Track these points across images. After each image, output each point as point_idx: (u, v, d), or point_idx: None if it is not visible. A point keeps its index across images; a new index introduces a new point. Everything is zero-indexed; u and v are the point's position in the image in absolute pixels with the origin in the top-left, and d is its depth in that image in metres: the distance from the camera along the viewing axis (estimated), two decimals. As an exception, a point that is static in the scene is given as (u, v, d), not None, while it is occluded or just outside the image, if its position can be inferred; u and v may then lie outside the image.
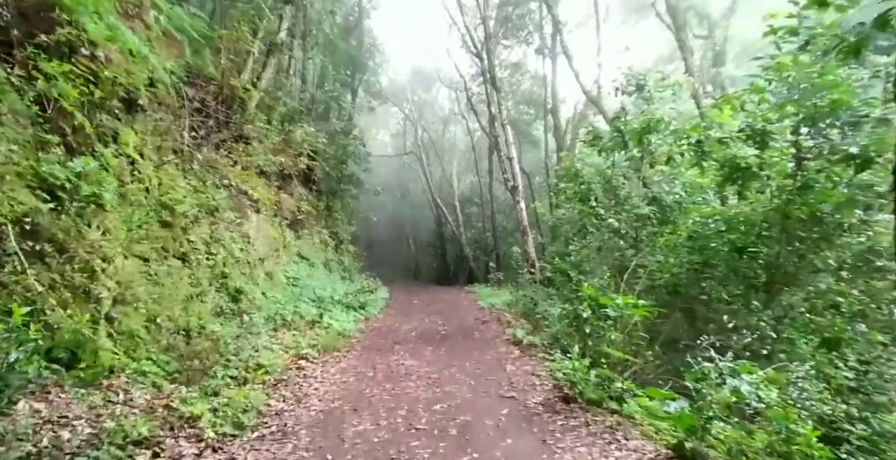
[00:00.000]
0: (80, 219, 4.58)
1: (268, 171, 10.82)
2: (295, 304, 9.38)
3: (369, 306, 12.36)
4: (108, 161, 5.27)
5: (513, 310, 11.88)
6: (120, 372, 4.69)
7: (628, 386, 5.16)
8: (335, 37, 17.60)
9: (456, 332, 9.76)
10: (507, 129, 14.84)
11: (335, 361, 7.24)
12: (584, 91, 14.13)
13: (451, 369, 6.72)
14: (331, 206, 16.73)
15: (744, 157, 5.73)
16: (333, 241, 16.39)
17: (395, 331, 10.13)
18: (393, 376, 6.43)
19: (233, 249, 8.48)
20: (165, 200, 6.30)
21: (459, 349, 7.99)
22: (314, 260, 13.79)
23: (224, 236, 8.31)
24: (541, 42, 18.07)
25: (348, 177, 17.44)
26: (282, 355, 7.00)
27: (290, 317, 8.89)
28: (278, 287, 10.45)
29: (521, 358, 7.15)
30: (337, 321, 9.65)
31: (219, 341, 6.30)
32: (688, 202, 7.38)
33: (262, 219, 10.86)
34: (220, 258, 7.89)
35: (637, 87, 7.87)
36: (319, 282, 12.80)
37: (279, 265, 11.28)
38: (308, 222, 14.72)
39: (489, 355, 7.49)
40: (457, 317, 11.86)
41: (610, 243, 8.38)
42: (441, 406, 5.27)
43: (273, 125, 11.25)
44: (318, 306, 10.39)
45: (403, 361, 7.19)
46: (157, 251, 6.08)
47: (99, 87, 5.19)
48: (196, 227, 7.52)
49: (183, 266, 6.83)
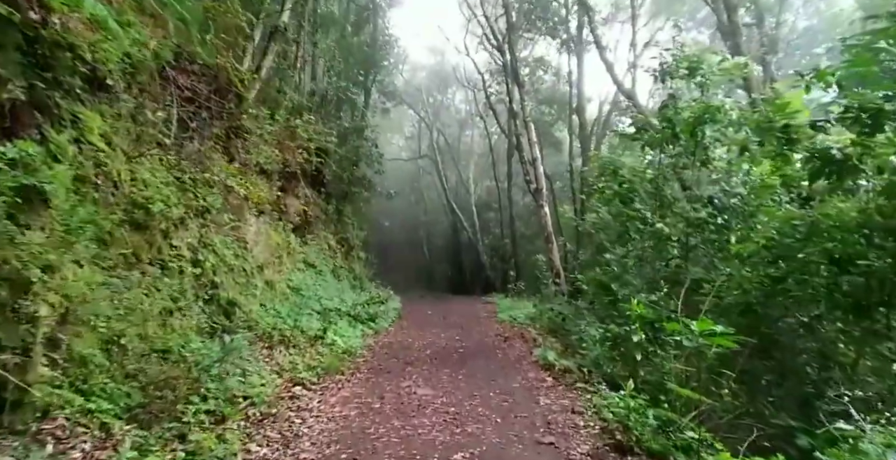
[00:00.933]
0: (8, 221, 3.62)
1: (270, 170, 9.90)
2: (296, 318, 8.39)
3: (380, 318, 11.34)
4: (60, 148, 4.33)
5: (537, 325, 10.75)
6: (58, 412, 3.70)
7: (704, 436, 4.02)
8: (347, 33, 16.78)
9: (476, 351, 8.67)
10: (530, 127, 13.76)
11: (337, 388, 6.20)
12: (615, 82, 13.01)
13: (473, 400, 5.63)
14: (341, 210, 15.80)
15: (840, 147, 4.58)
16: (343, 247, 15.44)
17: (407, 348, 9.08)
18: (403, 409, 5.36)
19: (226, 256, 7.53)
20: (138, 198, 5.35)
21: (481, 373, 6.90)
22: (321, 267, 12.83)
23: (215, 241, 7.36)
24: (567, 35, 16.96)
25: (360, 180, 16.51)
26: (274, 380, 5.99)
27: (289, 332, 7.90)
28: (279, 297, 9.48)
29: (555, 387, 6.03)
30: (342, 337, 8.64)
31: (198, 365, 5.32)
32: (753, 204, 6.22)
33: (263, 222, 9.93)
34: (209, 265, 6.94)
35: (689, 71, 6.75)
36: (326, 291, 11.83)
37: (282, 273, 10.33)
38: (316, 227, 13.79)
39: (517, 382, 6.39)
40: (476, 332, 10.77)
41: (654, 252, 7.24)
42: (462, 455, 4.19)
43: (277, 120, 10.35)
44: (322, 319, 9.39)
45: (416, 389, 6.12)
46: (125, 258, 5.13)
47: (51, 57, 4.27)
48: (181, 230, 6.57)
49: (162, 275, 5.87)
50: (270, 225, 10.63)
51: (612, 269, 7.31)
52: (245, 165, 9.06)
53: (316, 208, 13.85)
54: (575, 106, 17.45)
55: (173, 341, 5.63)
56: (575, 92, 17.38)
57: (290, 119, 11.52)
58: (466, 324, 11.94)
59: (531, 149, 13.66)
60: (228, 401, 4.83)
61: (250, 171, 9.17)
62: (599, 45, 13.27)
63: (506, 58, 15.13)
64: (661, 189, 7.49)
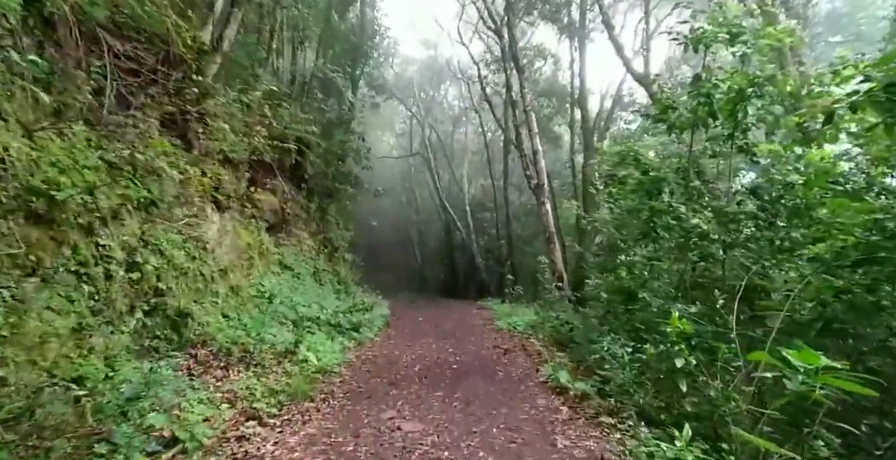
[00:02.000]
0: None
1: (236, 160, 8.66)
2: (260, 330, 7.16)
3: (364, 327, 10.13)
4: None
5: (540, 335, 9.61)
6: None
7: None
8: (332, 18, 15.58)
9: (472, 367, 7.50)
10: (530, 117, 12.61)
11: (302, 421, 5.00)
12: (625, 64, 11.84)
13: (472, 439, 4.46)
14: (324, 208, 14.58)
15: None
16: (326, 249, 14.21)
17: (393, 362, 7.90)
18: (383, 455, 4.18)
19: (175, 257, 6.29)
20: (36, 184, 4.13)
21: (480, 398, 5.73)
22: (300, 270, 11.61)
23: (161, 239, 6.13)
24: (569, 19, 15.83)
25: (345, 176, 15.29)
26: (222, 413, 4.78)
27: (253, 347, 6.69)
28: (247, 305, 8.26)
29: (573, 421, 4.86)
30: (317, 351, 7.43)
31: (113, 398, 4.10)
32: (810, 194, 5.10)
33: (229, 219, 8.71)
34: (150, 269, 5.70)
35: (731, 37, 5.64)
36: (305, 297, 10.61)
37: (251, 277, 9.09)
38: (295, 225, 12.57)
39: (524, 412, 5.22)
40: (471, 343, 9.60)
41: (681, 253, 6.12)
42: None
43: (249, 105, 9.13)
44: (296, 330, 8.19)
45: (400, 423, 4.93)
46: (14, 260, 3.91)
47: None
48: (113, 226, 5.36)
49: (79, 282, 4.65)
50: (240, 222, 9.40)
51: (636, 274, 6.17)
52: (206, 153, 7.84)
53: (295, 205, 12.63)
54: (577, 97, 16.30)
55: (90, 367, 4.42)
56: (577, 83, 16.24)
57: (264, 105, 10.31)
58: (461, 333, 10.77)
59: (532, 142, 12.50)
60: (144, 452, 3.62)
61: (211, 160, 7.95)
62: (609, 24, 12.11)
63: (504, 42, 13.98)
64: (691, 179, 6.38)
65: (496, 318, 12.51)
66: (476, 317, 13.59)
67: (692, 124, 5.98)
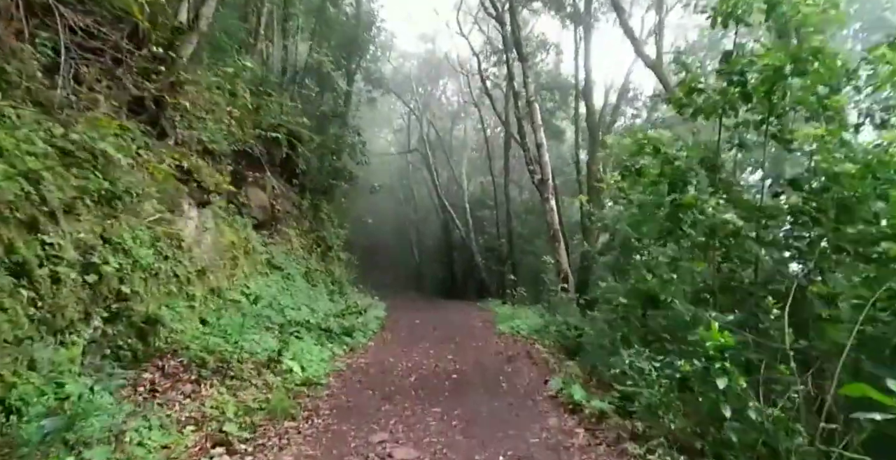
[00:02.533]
0: None
1: (217, 151, 7.99)
2: (240, 336, 6.50)
3: (358, 331, 9.47)
4: None
5: (546, 340, 8.96)
6: None
7: None
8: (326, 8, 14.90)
9: (473, 377, 6.86)
10: (534, 108, 11.94)
11: (278, 446, 4.34)
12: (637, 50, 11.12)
13: (475, 470, 3.81)
14: (318, 205, 13.90)
15: None
16: (319, 247, 13.54)
17: (387, 372, 7.25)
18: (370, 491, 3.52)
19: (143, 256, 5.60)
20: (-45, 168, 3.46)
21: (483, 417, 5.08)
22: (290, 270, 10.94)
23: (126, 237, 5.45)
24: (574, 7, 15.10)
25: (340, 172, 14.61)
26: (184, 440, 4.11)
27: (231, 356, 6.03)
28: (229, 309, 7.58)
29: (592, 448, 4.20)
30: (304, 360, 6.78)
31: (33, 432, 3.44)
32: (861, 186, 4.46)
33: (210, 215, 8.04)
34: (111, 270, 5.02)
35: (769, 7, 4.98)
36: (294, 299, 9.96)
37: (235, 278, 8.43)
38: (286, 223, 11.90)
39: (534, 434, 4.57)
40: (472, 349, 8.96)
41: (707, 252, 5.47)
42: None
43: (232, 92, 8.47)
44: (282, 336, 7.52)
45: (392, 448, 4.27)
46: (-77, 261, 3.24)
47: None
48: (67, 222, 4.69)
49: (14, 287, 3.99)
50: (223, 219, 8.74)
51: (659, 275, 5.52)
52: (181, 143, 7.17)
53: (286, 201, 11.97)
54: (582, 89, 15.61)
55: (27, 386, 3.76)
56: (581, 74, 15.56)
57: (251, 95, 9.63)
58: (461, 338, 10.11)
59: (535, 135, 11.81)
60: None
61: (189, 150, 7.28)
62: (619, 7, 11.42)
63: (506, 29, 13.31)
64: (718, 170, 5.73)
65: (498, 321, 11.85)
66: (476, 320, 12.93)
67: (721, 107, 5.32)
